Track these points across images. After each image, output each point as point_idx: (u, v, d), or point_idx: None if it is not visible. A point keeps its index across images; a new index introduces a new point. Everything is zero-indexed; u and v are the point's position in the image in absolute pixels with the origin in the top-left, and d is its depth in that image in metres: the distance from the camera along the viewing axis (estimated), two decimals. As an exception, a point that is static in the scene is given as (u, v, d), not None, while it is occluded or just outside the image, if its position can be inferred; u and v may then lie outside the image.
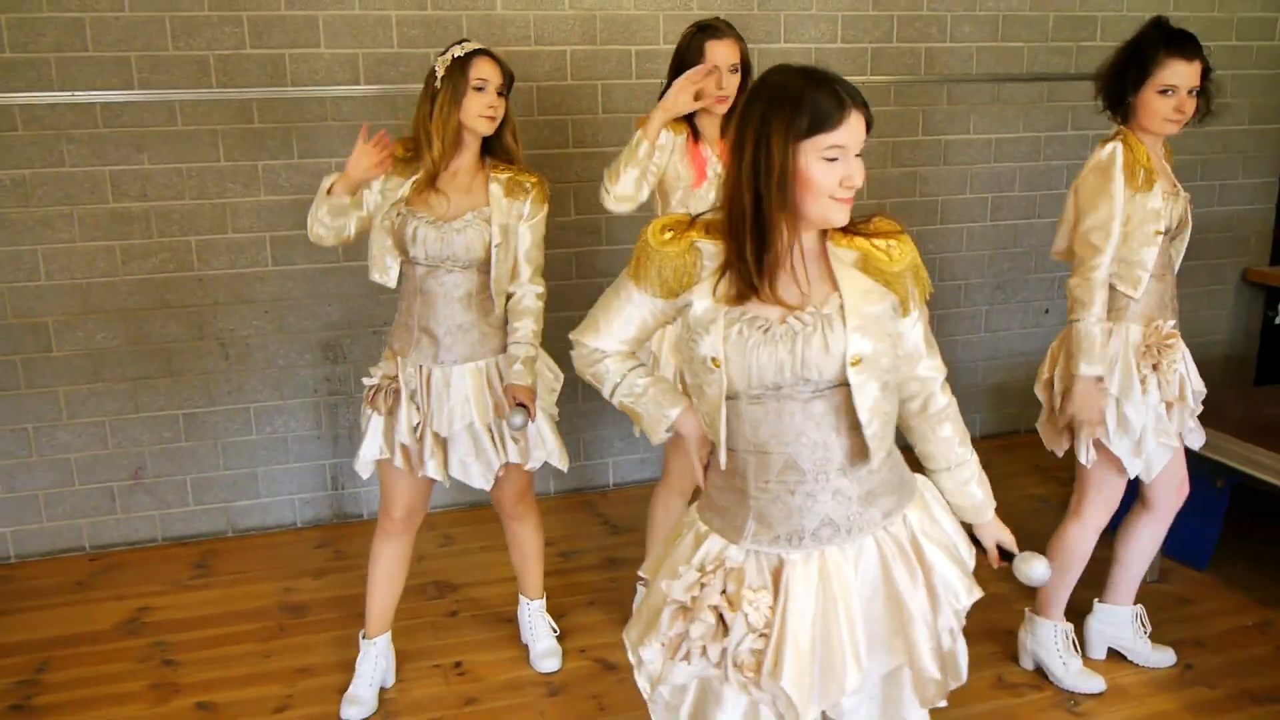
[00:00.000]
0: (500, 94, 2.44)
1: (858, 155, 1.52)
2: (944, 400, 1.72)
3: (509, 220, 2.48)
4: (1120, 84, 2.47)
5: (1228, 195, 4.55)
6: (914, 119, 4.03)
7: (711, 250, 1.58)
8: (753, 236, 1.52)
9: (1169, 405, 2.53)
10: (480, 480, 2.58)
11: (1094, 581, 2.79)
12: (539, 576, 2.90)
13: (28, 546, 3.50)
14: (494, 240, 2.46)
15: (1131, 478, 2.59)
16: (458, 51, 2.43)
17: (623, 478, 4.04)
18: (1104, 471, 2.59)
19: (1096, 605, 2.82)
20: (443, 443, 2.54)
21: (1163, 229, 2.45)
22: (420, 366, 2.52)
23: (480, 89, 2.41)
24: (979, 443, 2.79)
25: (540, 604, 2.92)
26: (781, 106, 1.48)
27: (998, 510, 1.79)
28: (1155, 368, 2.49)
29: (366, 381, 2.60)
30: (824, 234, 1.60)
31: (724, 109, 2.64)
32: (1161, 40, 2.41)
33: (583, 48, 3.60)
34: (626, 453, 4.02)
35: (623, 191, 2.61)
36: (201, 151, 3.35)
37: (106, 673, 2.85)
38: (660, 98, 2.64)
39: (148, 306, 3.42)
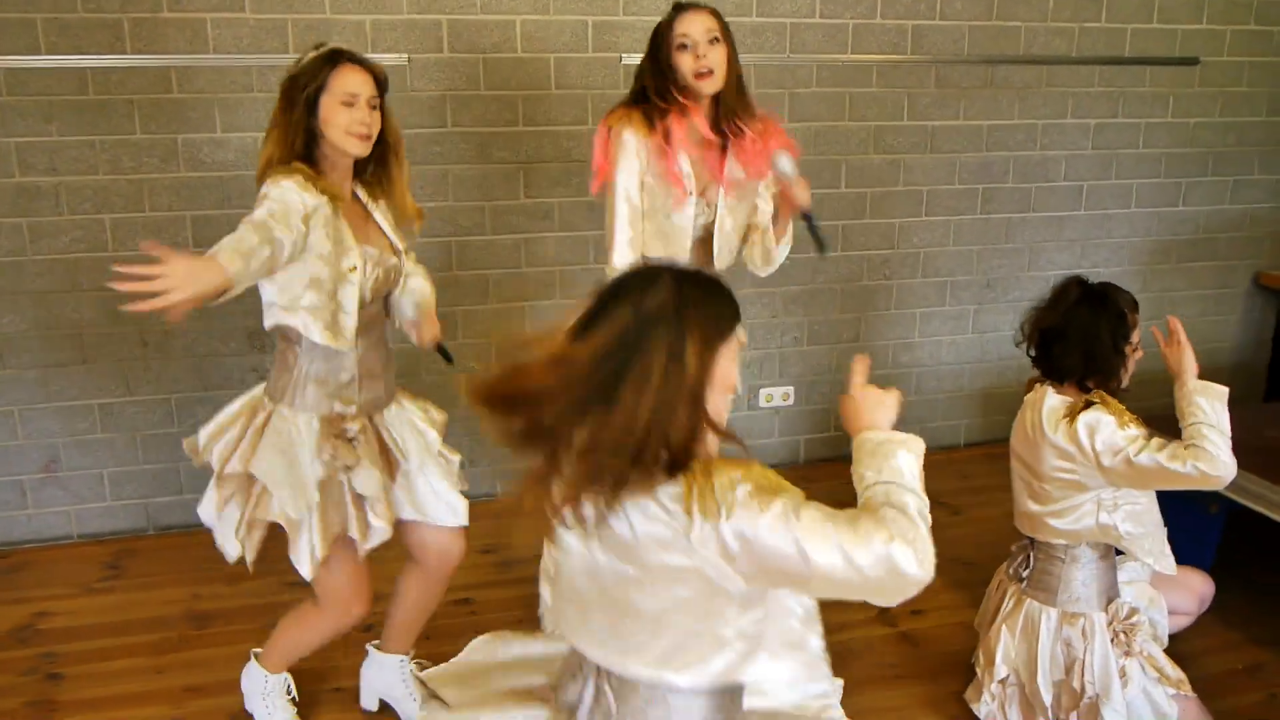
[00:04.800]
0: (373, 107, 2.09)
1: None
2: None
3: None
4: (1115, 355, 2.32)
5: (1241, 192, 4.23)
6: (899, 102, 3.72)
7: None
8: None
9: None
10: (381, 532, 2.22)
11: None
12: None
13: (-69, 542, 3.29)
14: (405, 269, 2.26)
15: None
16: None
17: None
18: None
19: None
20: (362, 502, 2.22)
21: None
22: (370, 416, 2.23)
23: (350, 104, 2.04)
24: (964, 450, 2.52)
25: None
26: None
27: None
28: (1128, 653, 2.31)
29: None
30: None
31: (711, 86, 2.31)
32: (1127, 304, 2.32)
33: (534, 17, 3.32)
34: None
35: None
36: (115, 123, 3.10)
37: (-17, 686, 2.63)
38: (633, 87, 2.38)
39: (58, 289, 3.18)
